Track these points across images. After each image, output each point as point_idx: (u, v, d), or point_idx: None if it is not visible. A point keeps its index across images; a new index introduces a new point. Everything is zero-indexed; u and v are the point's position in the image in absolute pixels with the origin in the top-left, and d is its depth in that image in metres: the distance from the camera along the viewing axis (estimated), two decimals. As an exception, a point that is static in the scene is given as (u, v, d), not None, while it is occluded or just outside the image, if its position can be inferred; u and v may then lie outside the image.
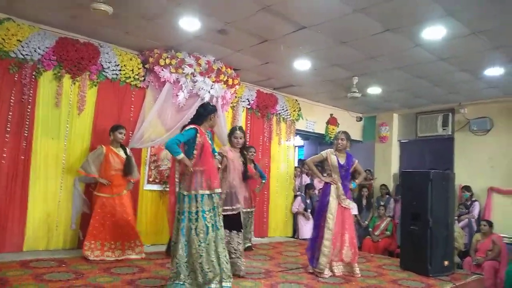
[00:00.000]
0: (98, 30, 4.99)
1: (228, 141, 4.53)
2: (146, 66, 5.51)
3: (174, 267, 3.45)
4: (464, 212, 7.13)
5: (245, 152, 4.54)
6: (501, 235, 6.70)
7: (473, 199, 7.32)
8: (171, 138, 3.53)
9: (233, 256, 4.07)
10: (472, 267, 6.10)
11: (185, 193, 3.48)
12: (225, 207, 4.11)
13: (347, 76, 6.39)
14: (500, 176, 7.32)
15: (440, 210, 4.73)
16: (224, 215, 3.98)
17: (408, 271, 4.76)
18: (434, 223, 4.65)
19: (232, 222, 4.17)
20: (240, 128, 4.53)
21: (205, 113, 3.66)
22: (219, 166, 3.95)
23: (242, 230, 4.32)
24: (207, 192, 3.50)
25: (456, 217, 6.73)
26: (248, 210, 5.44)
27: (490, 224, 6.35)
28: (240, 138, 4.41)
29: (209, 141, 3.69)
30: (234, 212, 4.21)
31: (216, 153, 3.85)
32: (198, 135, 3.53)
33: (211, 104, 3.85)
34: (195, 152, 3.54)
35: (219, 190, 3.58)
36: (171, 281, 3.43)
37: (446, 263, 4.69)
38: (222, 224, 3.57)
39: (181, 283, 3.38)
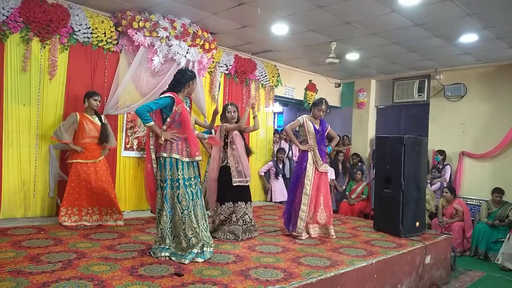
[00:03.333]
0: (66, -10, 4.76)
1: (221, 118, 4.59)
2: (119, 29, 5.32)
3: (159, 232, 3.52)
4: (436, 175, 7.39)
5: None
6: (470, 197, 7.05)
7: (445, 163, 7.57)
8: (142, 105, 3.48)
9: (248, 225, 4.36)
10: (438, 227, 6.44)
11: (165, 154, 3.48)
12: (240, 179, 4.36)
13: (325, 42, 6.35)
14: (471, 141, 7.55)
15: (412, 174, 4.87)
16: (238, 186, 4.32)
17: (381, 232, 4.95)
18: (406, 186, 4.80)
19: (245, 193, 4.43)
20: (232, 104, 4.60)
21: (183, 79, 3.58)
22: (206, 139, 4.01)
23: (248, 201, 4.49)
24: (187, 160, 3.53)
25: (429, 181, 7.00)
26: None
27: (452, 191, 6.63)
28: (234, 112, 4.51)
29: (188, 109, 3.66)
30: (246, 184, 4.43)
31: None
32: (175, 103, 3.48)
33: (190, 70, 3.78)
34: (168, 119, 3.51)
35: (199, 158, 3.60)
36: (157, 245, 3.51)
37: (417, 224, 4.89)
38: (202, 194, 3.63)
39: (167, 247, 3.46)
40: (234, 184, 4.31)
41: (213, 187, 4.43)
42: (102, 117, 4.94)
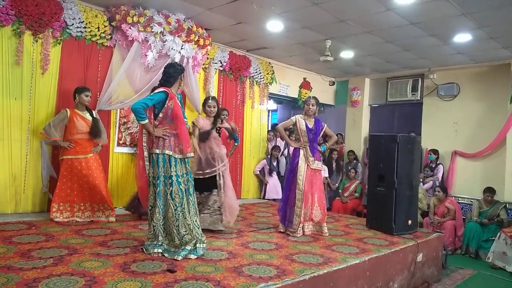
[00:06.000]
0: (59, -17, 4.70)
1: (202, 109, 4.66)
2: (113, 23, 5.27)
3: (151, 229, 3.49)
4: (429, 174, 7.43)
5: (217, 119, 4.68)
6: (462, 196, 7.10)
7: (438, 162, 7.62)
8: (138, 101, 3.44)
9: (212, 213, 4.39)
10: (429, 226, 6.48)
11: (158, 151, 3.46)
12: (201, 172, 4.40)
13: (319, 39, 6.35)
14: (463, 141, 7.60)
15: (405, 172, 4.90)
16: (200, 179, 4.32)
17: (374, 230, 4.96)
18: (399, 184, 4.82)
19: (209, 184, 4.44)
20: (213, 98, 4.67)
21: (174, 74, 3.55)
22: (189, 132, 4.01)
23: (217, 189, 4.52)
24: (180, 156, 3.50)
25: (421, 179, 7.04)
26: None
27: (444, 190, 6.68)
28: (214, 107, 4.59)
29: (179, 104, 3.64)
30: (210, 175, 4.44)
31: (186, 119, 3.83)
32: (168, 98, 3.46)
33: (178, 63, 3.76)
34: (160, 115, 3.49)
35: (191, 155, 3.58)
36: (149, 241, 3.48)
37: (409, 222, 4.92)
38: (193, 190, 3.60)
39: (159, 244, 3.44)
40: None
41: None
42: (94, 112, 4.89)
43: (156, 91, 3.51)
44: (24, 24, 4.62)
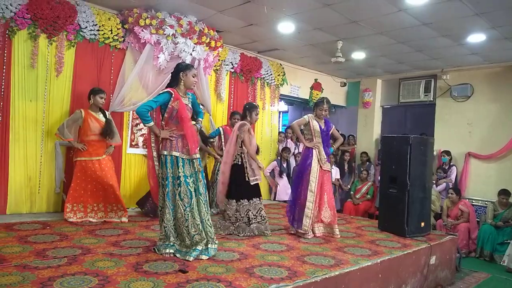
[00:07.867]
0: (74, -13, 4.78)
1: (244, 116, 4.59)
2: (126, 26, 5.34)
3: (162, 230, 3.52)
4: (442, 176, 7.34)
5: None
6: (476, 198, 6.99)
7: (451, 163, 7.53)
8: (142, 104, 3.48)
9: (254, 221, 4.40)
10: (443, 228, 6.40)
11: (165, 152, 3.49)
12: (256, 177, 4.53)
13: (331, 40, 6.33)
14: (477, 142, 7.50)
15: (418, 174, 4.84)
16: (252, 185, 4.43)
17: (386, 232, 4.92)
18: (412, 186, 4.77)
19: (257, 190, 4.55)
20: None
21: (174, 73, 3.56)
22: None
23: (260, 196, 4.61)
24: (187, 157, 3.52)
25: (434, 181, 6.95)
26: None
27: (458, 192, 6.58)
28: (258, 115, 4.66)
29: (189, 105, 3.63)
30: (259, 182, 4.57)
31: (201, 118, 3.83)
32: (172, 99, 3.46)
33: (184, 62, 3.76)
34: (165, 115, 3.51)
35: (197, 156, 3.57)
36: (161, 242, 3.51)
37: (422, 224, 4.86)
38: (204, 189, 3.60)
39: (171, 244, 3.46)
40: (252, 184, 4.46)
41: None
42: (107, 113, 4.96)
43: (161, 92, 3.54)
44: (39, 27, 4.71)
